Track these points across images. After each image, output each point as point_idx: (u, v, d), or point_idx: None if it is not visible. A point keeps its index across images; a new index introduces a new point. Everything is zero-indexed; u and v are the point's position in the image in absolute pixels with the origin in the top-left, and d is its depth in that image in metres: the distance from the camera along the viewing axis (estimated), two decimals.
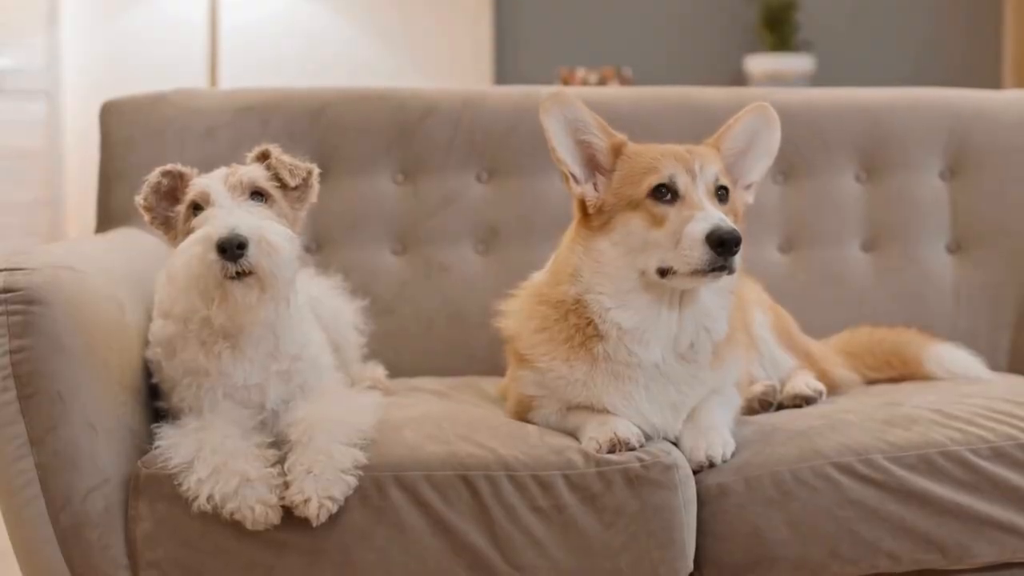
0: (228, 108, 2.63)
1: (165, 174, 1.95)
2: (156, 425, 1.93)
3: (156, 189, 1.95)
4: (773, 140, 2.08)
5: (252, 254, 1.79)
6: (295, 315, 2.00)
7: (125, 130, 2.60)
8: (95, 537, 1.85)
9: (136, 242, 2.43)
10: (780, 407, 2.25)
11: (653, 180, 1.94)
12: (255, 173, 1.93)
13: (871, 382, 2.47)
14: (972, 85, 3.21)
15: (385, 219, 2.64)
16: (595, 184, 2.00)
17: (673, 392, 1.99)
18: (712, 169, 1.96)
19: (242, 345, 1.94)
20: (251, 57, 5.00)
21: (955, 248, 2.72)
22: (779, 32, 5.11)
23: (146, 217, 1.96)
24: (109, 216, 2.59)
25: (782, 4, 5.12)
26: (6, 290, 1.82)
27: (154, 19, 5.02)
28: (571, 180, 2.00)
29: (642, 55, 5.21)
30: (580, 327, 1.99)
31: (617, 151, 2.00)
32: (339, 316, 2.33)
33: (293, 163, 1.97)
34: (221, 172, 1.94)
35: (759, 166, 2.08)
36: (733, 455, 1.97)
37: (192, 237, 1.83)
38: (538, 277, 2.12)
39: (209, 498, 1.81)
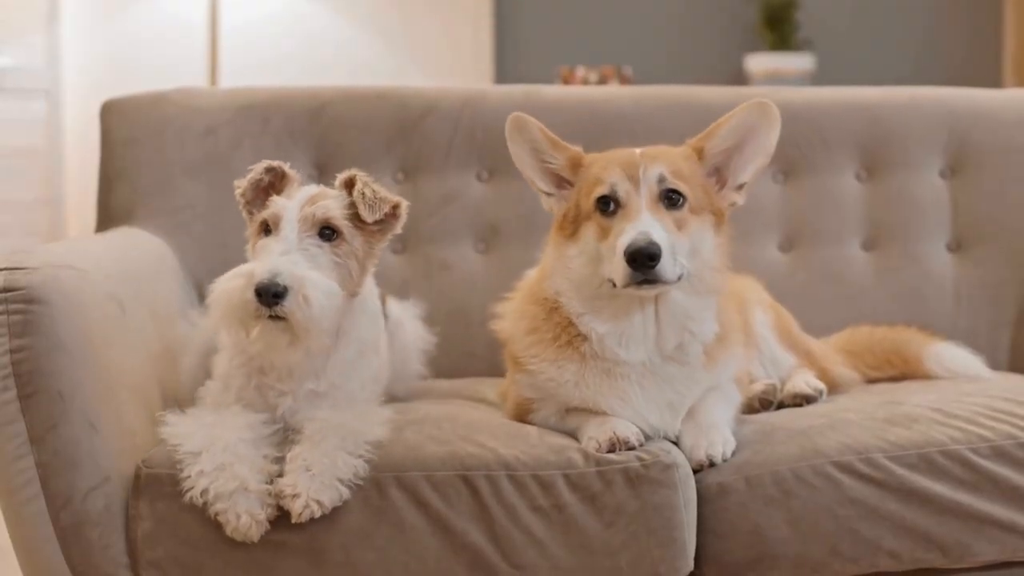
0: (228, 107, 2.63)
1: (268, 170, 1.96)
2: (161, 413, 1.93)
3: (256, 184, 1.96)
4: (770, 139, 2.01)
5: (287, 304, 1.79)
6: (352, 346, 1.99)
7: (125, 129, 2.60)
8: (95, 536, 1.85)
9: (136, 241, 2.43)
10: (780, 406, 2.25)
11: (598, 191, 1.94)
12: (332, 209, 1.91)
13: (871, 381, 2.47)
14: (972, 84, 3.21)
15: None
16: (566, 196, 2.02)
17: (669, 391, 1.98)
18: (656, 172, 1.92)
19: None
20: (251, 56, 5.00)
21: (955, 247, 2.72)
22: (779, 31, 5.11)
23: (240, 203, 1.98)
24: (109, 215, 2.58)
25: (782, 3, 5.12)
26: (6, 289, 1.82)
27: (154, 18, 5.02)
28: (543, 197, 2.04)
29: (642, 54, 5.20)
30: (564, 325, 1.99)
31: (576, 164, 2.01)
32: (406, 350, 2.34)
33: (376, 197, 1.93)
34: (305, 194, 1.92)
35: (752, 165, 2.02)
36: (734, 454, 1.97)
37: (237, 269, 1.85)
38: (532, 274, 2.13)
39: (203, 492, 1.81)
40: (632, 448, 1.91)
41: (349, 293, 1.94)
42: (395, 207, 1.96)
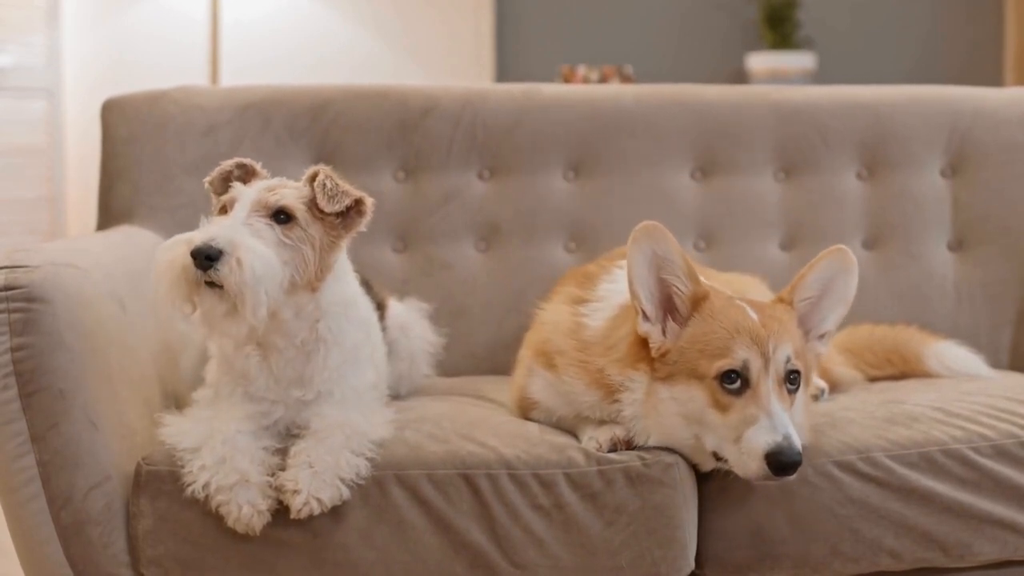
0: (229, 106, 2.63)
1: (239, 165, 1.96)
2: (158, 415, 1.93)
3: (226, 177, 1.96)
4: (850, 286, 1.93)
5: (220, 267, 1.76)
6: (333, 352, 1.95)
7: (126, 128, 2.60)
8: (96, 534, 1.85)
9: (137, 240, 2.43)
10: None
11: (724, 365, 1.80)
12: (287, 196, 1.87)
13: (872, 379, 2.47)
14: (973, 83, 3.21)
15: (386, 217, 2.64)
16: (664, 328, 1.87)
17: None
18: (785, 352, 1.83)
19: (271, 360, 1.93)
20: (252, 54, 5.00)
21: (956, 246, 2.72)
22: (780, 30, 5.11)
23: (209, 191, 1.98)
24: (110, 213, 2.58)
25: (783, 2, 5.11)
26: (7, 288, 1.82)
27: (155, 17, 5.02)
28: (641, 316, 1.86)
29: (643, 53, 5.20)
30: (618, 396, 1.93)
31: (697, 304, 1.86)
32: (414, 356, 2.33)
33: (336, 190, 1.89)
34: (265, 183, 1.91)
35: (834, 315, 1.95)
36: None
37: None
38: (589, 323, 1.99)
39: (205, 486, 1.81)
40: (633, 447, 1.91)
41: (307, 286, 1.89)
42: (359, 201, 1.91)
